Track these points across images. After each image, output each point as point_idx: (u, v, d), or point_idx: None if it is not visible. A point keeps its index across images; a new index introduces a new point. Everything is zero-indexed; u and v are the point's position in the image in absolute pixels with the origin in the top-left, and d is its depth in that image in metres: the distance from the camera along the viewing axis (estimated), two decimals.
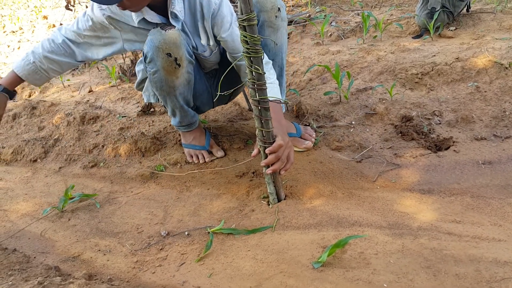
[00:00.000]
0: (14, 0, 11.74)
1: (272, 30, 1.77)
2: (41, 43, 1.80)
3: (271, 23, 1.75)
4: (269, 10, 1.72)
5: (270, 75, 1.67)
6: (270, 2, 1.72)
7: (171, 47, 1.61)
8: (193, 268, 1.36)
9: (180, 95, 1.81)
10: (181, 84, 1.76)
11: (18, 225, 1.83)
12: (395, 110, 2.13)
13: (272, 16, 1.74)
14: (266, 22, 1.74)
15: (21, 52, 5.69)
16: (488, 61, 2.25)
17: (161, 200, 1.84)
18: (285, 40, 1.86)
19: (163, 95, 1.80)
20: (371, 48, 2.87)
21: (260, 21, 1.74)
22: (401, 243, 1.28)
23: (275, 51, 1.84)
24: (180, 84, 1.75)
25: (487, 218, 1.40)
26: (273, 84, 1.66)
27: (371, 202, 1.57)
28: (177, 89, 1.77)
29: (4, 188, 2.22)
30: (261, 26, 1.75)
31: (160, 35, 1.59)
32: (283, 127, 1.56)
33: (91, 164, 2.27)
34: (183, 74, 1.71)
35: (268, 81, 1.62)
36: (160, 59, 1.63)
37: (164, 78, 1.69)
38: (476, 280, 1.09)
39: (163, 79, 1.70)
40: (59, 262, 1.51)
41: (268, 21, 1.74)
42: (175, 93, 1.78)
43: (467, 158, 1.77)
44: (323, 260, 1.23)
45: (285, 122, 1.62)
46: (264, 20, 1.74)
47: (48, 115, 2.89)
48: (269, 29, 1.76)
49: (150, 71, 1.69)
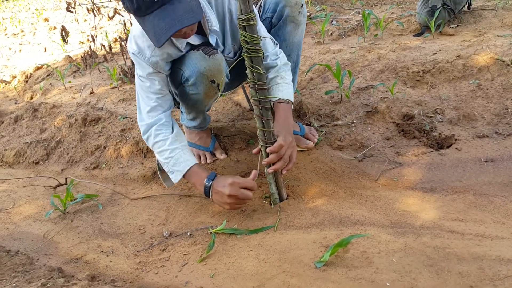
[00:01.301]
0: (15, 3, 11.77)
1: (294, 25, 1.77)
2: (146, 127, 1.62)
3: (294, 19, 1.76)
4: (294, 6, 1.73)
5: (286, 75, 1.67)
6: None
7: (215, 74, 1.57)
8: (196, 269, 1.36)
9: (206, 108, 1.85)
10: (212, 102, 1.79)
11: (21, 227, 1.83)
12: (397, 109, 2.13)
13: (296, 12, 1.74)
14: (289, 17, 1.75)
15: (23, 54, 5.70)
16: (490, 58, 2.24)
17: (163, 201, 1.84)
18: (302, 37, 1.88)
19: (193, 109, 1.80)
20: (372, 46, 2.87)
21: (283, 16, 1.75)
22: (404, 242, 1.28)
23: (291, 47, 1.85)
24: (211, 102, 1.79)
25: (490, 216, 1.39)
26: (288, 84, 1.65)
27: (373, 201, 1.57)
28: (208, 106, 1.80)
29: (7, 190, 2.23)
30: (283, 21, 1.76)
31: (205, 61, 1.54)
32: (289, 126, 1.56)
33: (93, 165, 2.28)
34: (219, 94, 1.70)
35: (284, 80, 1.64)
36: (203, 85, 1.59)
37: (202, 100, 1.68)
38: (479, 278, 1.09)
39: (201, 101, 1.69)
40: (62, 264, 1.51)
41: (291, 16, 1.75)
42: (205, 109, 1.82)
43: (469, 156, 1.76)
44: (325, 260, 1.23)
45: (292, 121, 1.62)
46: (288, 15, 1.75)
47: (50, 117, 2.90)
48: (291, 25, 1.77)
49: (190, 92, 1.65)
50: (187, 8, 1.31)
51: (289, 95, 1.63)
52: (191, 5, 1.32)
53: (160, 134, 1.60)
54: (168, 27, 1.30)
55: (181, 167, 1.57)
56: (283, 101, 1.59)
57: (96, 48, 4.44)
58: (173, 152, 1.58)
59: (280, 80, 1.63)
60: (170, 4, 1.29)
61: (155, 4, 1.27)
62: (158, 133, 1.60)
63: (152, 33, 1.33)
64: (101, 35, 5.28)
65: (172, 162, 1.58)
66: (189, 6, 1.31)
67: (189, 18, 1.30)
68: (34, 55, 5.49)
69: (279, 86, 1.62)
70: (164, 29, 1.30)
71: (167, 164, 1.60)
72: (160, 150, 1.60)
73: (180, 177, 1.57)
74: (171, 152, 1.58)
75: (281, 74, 1.65)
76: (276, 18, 1.77)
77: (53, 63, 4.59)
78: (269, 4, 1.77)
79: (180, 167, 1.57)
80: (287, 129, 1.53)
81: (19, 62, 5.26)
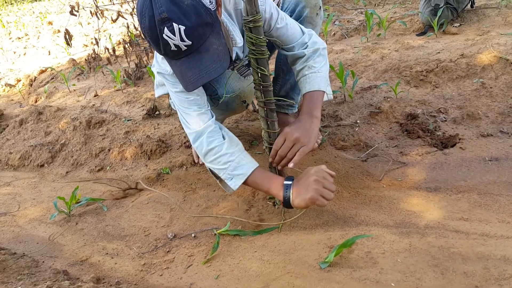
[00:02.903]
0: (19, 7, 11.85)
1: (311, 26, 1.78)
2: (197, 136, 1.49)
3: (312, 19, 1.77)
4: (313, 7, 1.75)
5: (315, 63, 1.54)
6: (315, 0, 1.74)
7: (248, 95, 1.65)
8: (200, 270, 1.37)
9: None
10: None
11: (26, 229, 1.84)
12: (400, 108, 2.13)
13: (314, 13, 1.76)
14: (308, 18, 1.76)
15: (27, 58, 5.73)
16: (494, 57, 2.23)
17: (167, 202, 1.84)
18: None
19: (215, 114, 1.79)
20: (375, 46, 2.86)
21: (302, 16, 1.75)
22: (408, 242, 1.27)
23: None
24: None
25: (495, 215, 1.38)
26: (316, 73, 1.53)
27: (377, 201, 1.57)
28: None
29: (12, 193, 2.24)
30: (301, 21, 1.75)
31: (240, 82, 1.60)
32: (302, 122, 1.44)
33: (97, 168, 2.28)
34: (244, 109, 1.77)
35: (312, 70, 1.53)
36: (235, 104, 1.67)
37: (226, 115, 1.75)
38: (484, 278, 1.09)
39: (225, 115, 1.75)
40: (67, 266, 1.52)
41: (310, 17, 1.76)
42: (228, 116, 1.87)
43: (474, 155, 1.75)
44: (330, 260, 1.23)
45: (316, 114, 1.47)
46: (307, 16, 1.76)
47: (55, 120, 2.91)
48: (309, 26, 1.77)
49: (218, 107, 1.68)
50: (215, 57, 1.24)
51: (318, 84, 1.51)
52: (218, 52, 1.25)
53: (213, 140, 1.45)
54: (196, 78, 1.24)
55: (243, 170, 1.43)
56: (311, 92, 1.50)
57: (99, 51, 4.46)
58: (233, 156, 1.44)
59: (307, 71, 1.53)
60: (197, 53, 1.23)
61: (182, 53, 1.22)
62: (212, 140, 1.45)
63: (180, 78, 1.28)
64: (104, 38, 5.31)
65: (233, 166, 1.44)
66: (216, 55, 1.24)
67: (216, 69, 1.24)
68: (38, 58, 5.52)
69: (306, 78, 1.53)
70: (192, 79, 1.25)
71: (225, 170, 1.45)
72: (217, 156, 1.45)
73: (242, 182, 1.43)
74: (231, 156, 1.44)
75: (309, 63, 1.54)
76: (295, 18, 1.77)
77: (57, 66, 4.61)
78: (289, 4, 1.77)
79: (242, 170, 1.43)
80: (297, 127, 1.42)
81: (24, 66, 5.29)
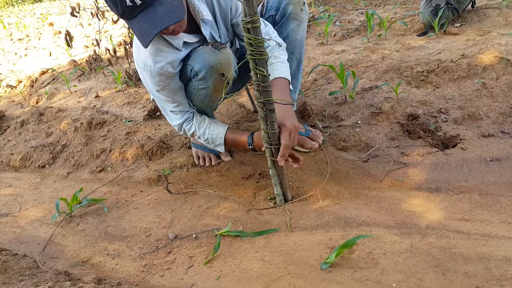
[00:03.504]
0: (20, 8, 11.87)
1: (297, 23, 1.81)
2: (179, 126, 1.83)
3: (297, 15, 1.79)
4: (296, 3, 1.77)
5: (280, 55, 1.70)
6: None
7: (225, 67, 1.61)
8: (201, 271, 1.37)
9: (214, 106, 1.86)
10: (219, 97, 1.78)
11: (27, 230, 1.84)
12: (401, 109, 2.12)
13: (298, 9, 1.78)
14: (293, 14, 1.78)
15: (28, 59, 5.74)
16: (494, 57, 2.23)
17: (168, 203, 1.85)
18: (305, 35, 1.91)
19: (201, 106, 1.82)
20: (375, 47, 2.86)
21: (287, 13, 1.78)
22: (410, 243, 1.27)
23: (294, 44, 1.87)
24: (219, 98, 1.78)
25: (496, 216, 1.38)
26: (283, 63, 1.68)
27: (378, 202, 1.57)
28: (216, 101, 1.81)
29: (13, 194, 2.24)
30: (286, 18, 1.79)
31: (215, 55, 1.58)
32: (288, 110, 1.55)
33: (98, 169, 2.29)
34: (227, 89, 1.74)
35: (278, 60, 1.67)
36: (213, 78, 1.63)
37: (210, 95, 1.71)
38: (486, 278, 1.08)
39: (209, 95, 1.72)
40: (69, 267, 1.52)
41: (295, 13, 1.78)
42: (213, 105, 1.83)
43: (475, 155, 1.75)
44: (331, 261, 1.22)
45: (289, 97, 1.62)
46: (291, 12, 1.78)
47: (56, 121, 2.92)
48: (294, 22, 1.80)
49: (199, 86, 1.68)
50: (168, 9, 1.38)
51: (285, 73, 1.65)
52: (173, 5, 1.39)
53: (190, 129, 1.80)
54: (151, 29, 1.37)
55: (217, 142, 1.80)
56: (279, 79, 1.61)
57: (100, 52, 4.46)
58: (205, 134, 1.79)
59: (274, 60, 1.66)
60: (152, 7, 1.37)
61: (138, 8, 1.35)
62: (189, 128, 1.80)
63: (139, 35, 1.41)
64: (105, 39, 5.31)
65: (211, 141, 1.81)
66: (170, 7, 1.38)
67: (170, 18, 1.38)
68: (39, 59, 5.53)
69: (274, 66, 1.64)
70: (148, 31, 1.38)
71: (208, 144, 1.84)
72: (197, 137, 1.83)
73: (224, 147, 1.81)
74: (204, 135, 1.80)
75: (274, 54, 1.67)
76: (280, 15, 1.80)
77: (58, 67, 4.62)
78: (272, 3, 1.80)
79: (217, 142, 1.80)
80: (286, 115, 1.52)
81: (25, 67, 5.30)
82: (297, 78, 1.97)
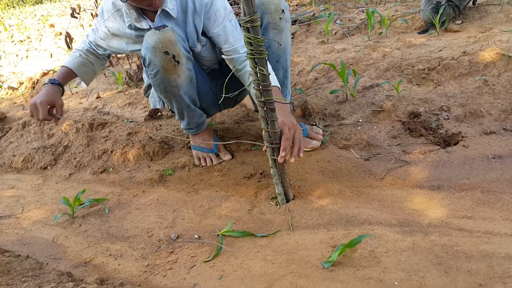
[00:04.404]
0: (21, 10, 11.89)
1: (276, 32, 1.76)
2: (82, 41, 2.03)
3: (275, 25, 1.75)
4: (273, 12, 1.72)
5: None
6: (274, 4, 1.71)
7: (167, 45, 1.61)
8: (204, 271, 1.37)
9: (185, 95, 1.80)
10: (184, 82, 1.75)
11: (30, 232, 1.85)
12: (403, 107, 2.12)
13: (276, 18, 1.73)
14: (271, 24, 1.74)
15: (29, 60, 5.75)
16: (496, 54, 2.22)
17: (170, 203, 1.85)
18: (289, 42, 1.85)
19: (168, 97, 1.80)
20: (376, 45, 2.86)
21: (264, 23, 1.74)
22: (412, 241, 1.27)
23: (279, 52, 1.83)
24: (183, 83, 1.74)
25: (498, 213, 1.38)
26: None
27: (380, 200, 1.56)
28: (181, 88, 1.76)
29: (15, 195, 2.25)
30: (265, 28, 1.75)
31: (155, 35, 1.60)
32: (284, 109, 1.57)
33: (100, 169, 2.29)
34: (184, 71, 1.70)
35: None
36: (158, 58, 1.63)
37: (165, 78, 1.69)
38: (488, 276, 1.08)
39: (165, 79, 1.69)
40: (71, 268, 1.52)
41: (273, 23, 1.74)
42: (180, 92, 1.77)
43: (477, 152, 1.75)
44: (333, 260, 1.22)
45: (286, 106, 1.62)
46: (268, 22, 1.74)
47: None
48: (273, 31, 1.76)
49: (151, 73, 1.69)
50: None
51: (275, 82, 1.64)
52: None
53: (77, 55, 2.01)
54: None
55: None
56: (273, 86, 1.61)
57: None
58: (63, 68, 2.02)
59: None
60: None
61: None
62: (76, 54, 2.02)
63: None
64: None
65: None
66: None
67: None
68: (40, 61, 5.54)
69: None
70: None
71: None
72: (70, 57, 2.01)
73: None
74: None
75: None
76: None
77: (59, 68, 4.62)
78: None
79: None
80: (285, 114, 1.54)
81: (26, 69, 5.30)
82: (286, 86, 1.93)
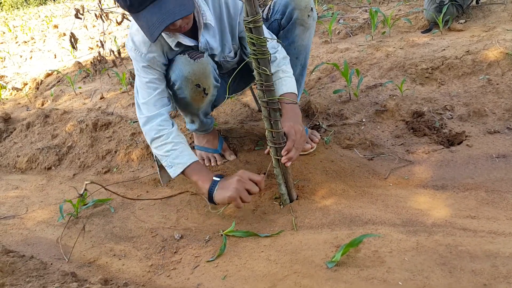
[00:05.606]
0: (25, 11, 11.95)
1: (303, 28, 1.76)
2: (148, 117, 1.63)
3: (303, 21, 1.75)
4: (303, 9, 1.72)
5: (287, 68, 1.67)
6: (305, 1, 1.71)
7: (200, 78, 1.58)
8: (207, 271, 1.37)
9: (202, 113, 1.84)
10: (205, 106, 1.77)
11: (34, 232, 1.86)
12: (406, 106, 2.11)
13: (305, 15, 1.73)
14: (299, 20, 1.74)
15: (33, 61, 5.78)
16: (500, 53, 2.21)
17: (174, 203, 1.85)
18: (311, 40, 1.87)
19: (186, 112, 1.82)
20: (380, 44, 2.85)
21: (292, 18, 1.74)
22: (416, 241, 1.27)
23: (300, 49, 1.84)
24: (204, 106, 1.77)
25: (502, 213, 1.37)
26: (291, 78, 1.65)
27: (384, 200, 1.56)
28: (201, 109, 1.78)
29: (20, 196, 2.26)
30: (292, 23, 1.75)
31: (189, 65, 1.55)
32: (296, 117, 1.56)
33: (104, 170, 2.30)
34: (208, 98, 1.71)
35: (286, 74, 1.64)
36: (189, 89, 1.61)
37: (190, 103, 1.69)
38: (493, 276, 1.08)
39: (190, 104, 1.70)
40: (75, 268, 1.53)
41: (301, 19, 1.74)
42: (198, 112, 1.81)
43: (481, 152, 1.74)
44: (337, 260, 1.22)
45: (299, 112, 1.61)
46: (297, 18, 1.74)
47: (61, 123, 2.93)
48: (300, 28, 1.76)
49: (178, 96, 1.67)
50: (178, 2, 1.35)
51: (294, 88, 1.64)
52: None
53: (163, 129, 1.60)
54: (160, 21, 1.34)
55: (184, 160, 1.56)
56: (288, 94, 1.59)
57: (105, 54, 4.48)
58: (177, 146, 1.58)
59: (282, 74, 1.63)
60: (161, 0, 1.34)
61: (147, 0, 1.32)
62: (161, 128, 1.60)
63: (146, 28, 1.37)
64: (109, 40, 5.33)
65: (175, 154, 1.57)
66: (180, 0, 1.35)
67: (180, 11, 1.35)
68: (44, 62, 5.56)
69: (282, 81, 1.62)
70: (157, 23, 1.34)
71: (167, 158, 1.59)
72: (162, 143, 1.59)
73: (181, 171, 1.56)
74: (175, 145, 1.58)
75: (282, 68, 1.64)
76: (285, 20, 1.76)
77: (63, 69, 4.64)
78: (279, 6, 1.76)
79: (183, 160, 1.56)
80: (295, 120, 1.53)
81: (30, 69, 5.33)
82: (300, 83, 1.94)
